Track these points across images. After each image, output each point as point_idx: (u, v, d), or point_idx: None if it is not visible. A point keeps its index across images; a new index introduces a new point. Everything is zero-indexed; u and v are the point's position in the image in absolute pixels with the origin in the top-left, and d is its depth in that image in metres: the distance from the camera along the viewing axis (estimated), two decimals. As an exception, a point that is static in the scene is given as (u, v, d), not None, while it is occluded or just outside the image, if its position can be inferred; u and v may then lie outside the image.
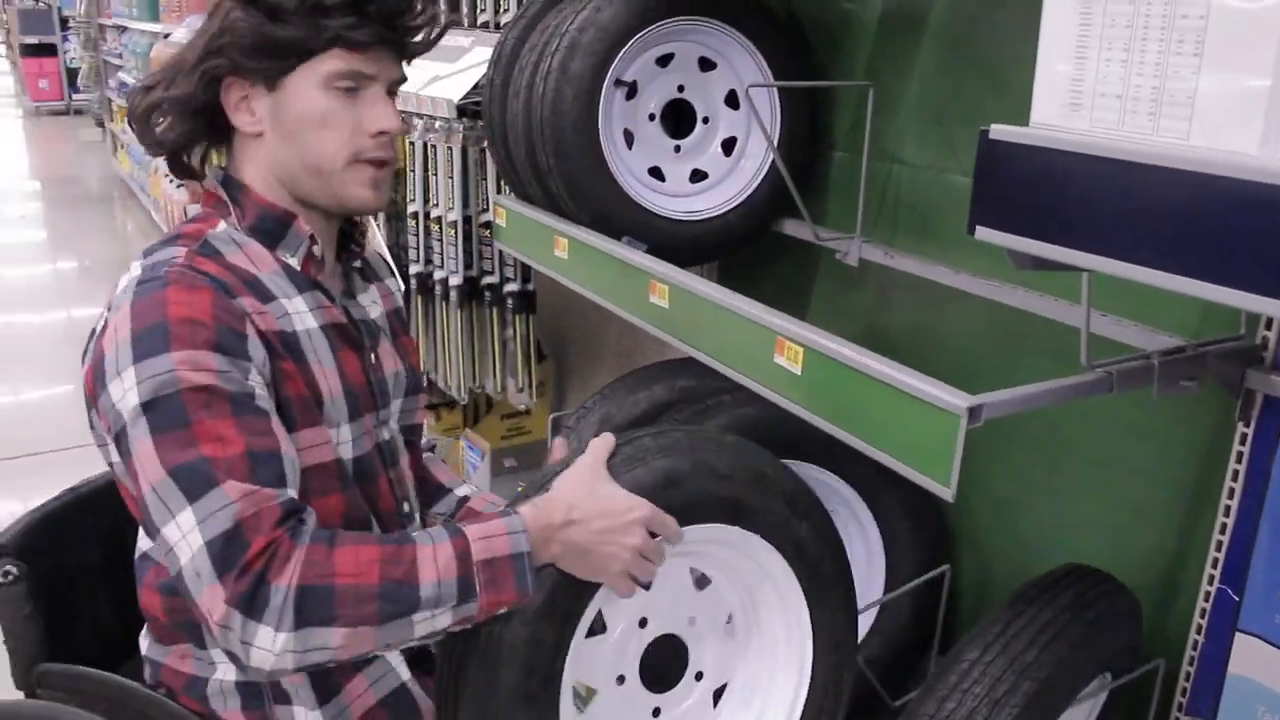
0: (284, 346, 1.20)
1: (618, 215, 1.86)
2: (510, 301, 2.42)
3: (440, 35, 1.35)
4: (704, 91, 1.95)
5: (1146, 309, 1.48)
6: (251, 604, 1.02)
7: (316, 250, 1.29)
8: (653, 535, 1.19)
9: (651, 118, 1.93)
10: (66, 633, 1.43)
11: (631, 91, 1.89)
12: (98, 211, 8.52)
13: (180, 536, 1.05)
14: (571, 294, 2.71)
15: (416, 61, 1.38)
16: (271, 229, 1.27)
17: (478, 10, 2.48)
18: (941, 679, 1.36)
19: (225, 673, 1.30)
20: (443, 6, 1.38)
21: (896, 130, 1.92)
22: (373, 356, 1.35)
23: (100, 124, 11.68)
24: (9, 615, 1.38)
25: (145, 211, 7.81)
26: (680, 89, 1.94)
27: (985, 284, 1.71)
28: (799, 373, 1.38)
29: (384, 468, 1.36)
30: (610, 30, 1.81)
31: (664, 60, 1.90)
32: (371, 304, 1.40)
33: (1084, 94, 0.98)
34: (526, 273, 2.43)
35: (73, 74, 13.54)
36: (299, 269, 1.28)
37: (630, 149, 1.91)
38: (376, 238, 2.54)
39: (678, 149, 1.96)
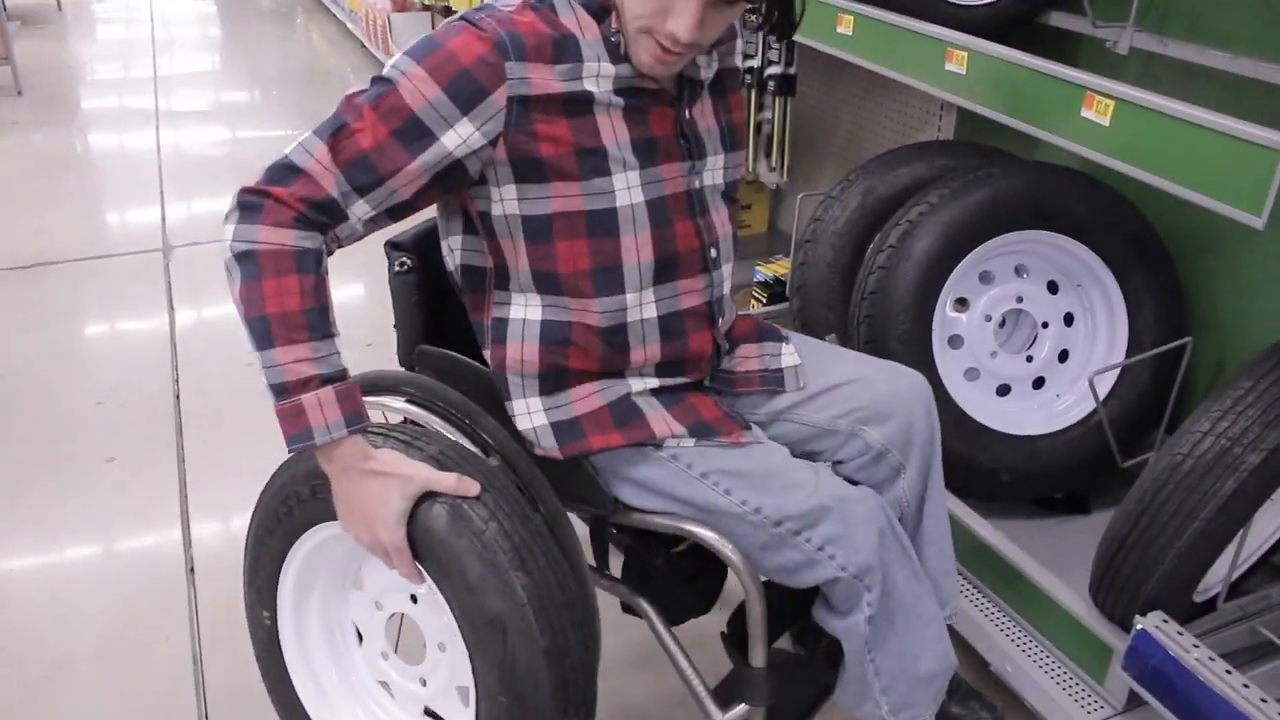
0: (564, 105, 1.34)
1: (904, -2, 1.98)
2: (772, 84, 2.56)
3: None
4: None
5: None
6: (240, 206, 1.29)
7: (621, 50, 1.39)
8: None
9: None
10: (440, 324, 1.69)
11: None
12: (280, 23, 8.78)
13: (294, 142, 1.32)
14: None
15: None
16: (596, 10, 1.39)
17: None
18: (1217, 401, 1.52)
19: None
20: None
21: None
22: (687, 113, 1.47)
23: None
24: (401, 300, 1.66)
25: (338, 22, 8.08)
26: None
27: (1268, 68, 1.80)
28: (1108, 124, 1.52)
29: (691, 214, 1.48)
30: None
31: None
32: (706, 66, 1.49)
33: None
34: (790, 56, 2.56)
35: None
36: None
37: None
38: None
39: (958, -64, 2.06)
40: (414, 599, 1.52)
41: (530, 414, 1.49)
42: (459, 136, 1.31)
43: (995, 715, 1.73)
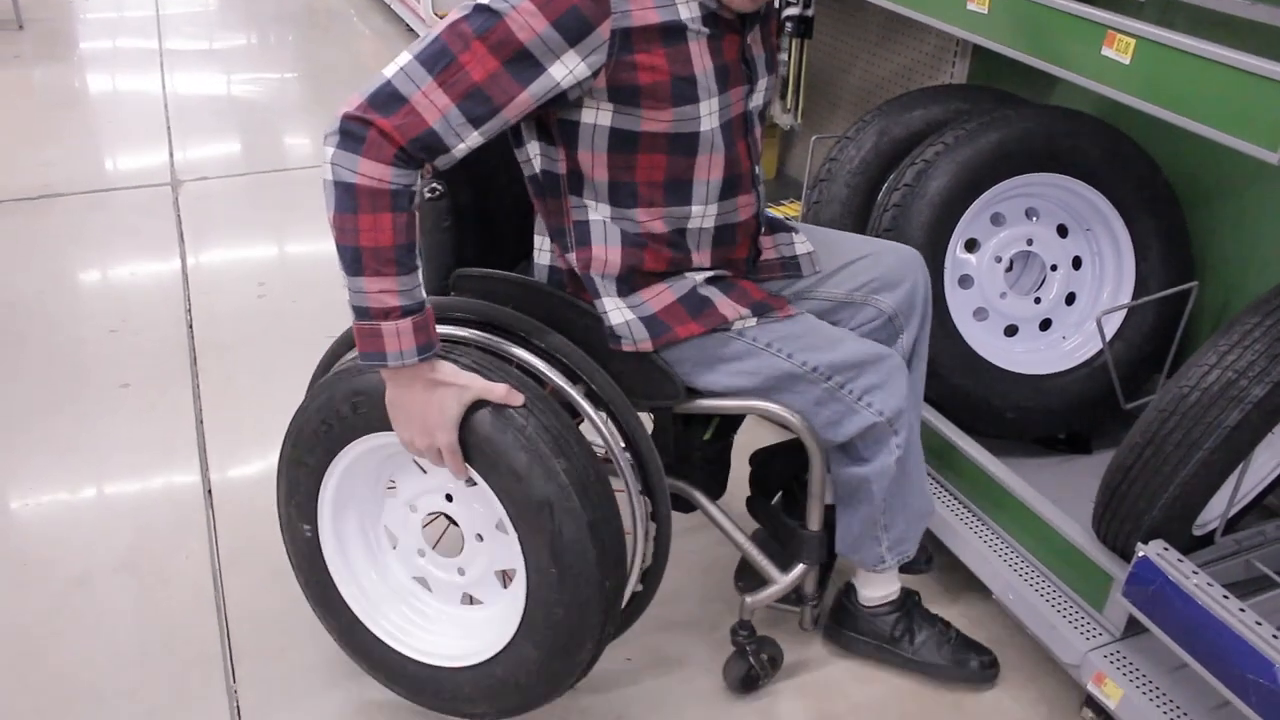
0: (661, 35, 1.41)
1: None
2: (789, 25, 2.58)
3: None
4: None
5: None
6: (342, 132, 1.34)
7: None
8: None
9: None
10: (472, 245, 1.74)
11: None
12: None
13: (394, 65, 1.36)
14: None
15: None
16: None
17: None
18: (1224, 334, 1.57)
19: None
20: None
21: None
22: (748, 39, 1.56)
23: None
24: (432, 227, 1.69)
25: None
26: None
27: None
28: (1128, 62, 1.54)
29: (745, 134, 1.59)
30: None
31: None
32: None
33: None
34: (808, -3, 2.59)
35: None
36: None
37: None
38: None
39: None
40: (449, 498, 1.62)
41: (620, 309, 1.59)
42: (566, 68, 1.37)
43: (927, 555, 2.01)
